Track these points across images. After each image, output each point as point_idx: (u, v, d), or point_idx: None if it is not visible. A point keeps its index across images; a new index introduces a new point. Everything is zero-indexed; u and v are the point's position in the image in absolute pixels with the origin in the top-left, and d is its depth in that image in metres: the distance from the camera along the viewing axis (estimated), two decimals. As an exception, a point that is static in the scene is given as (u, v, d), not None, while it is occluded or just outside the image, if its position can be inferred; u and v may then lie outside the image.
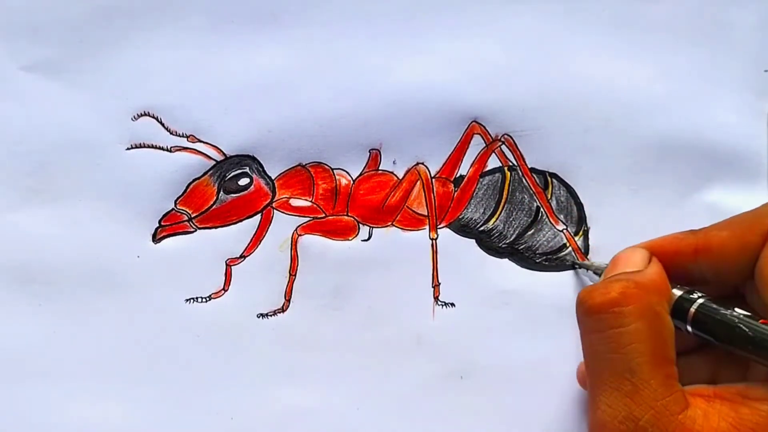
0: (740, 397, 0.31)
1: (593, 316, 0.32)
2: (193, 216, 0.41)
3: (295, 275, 0.41)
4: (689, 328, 0.34)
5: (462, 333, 0.41)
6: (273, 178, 0.41)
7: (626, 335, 0.31)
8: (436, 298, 0.41)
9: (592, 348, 0.33)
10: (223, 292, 0.41)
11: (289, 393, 0.40)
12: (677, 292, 0.34)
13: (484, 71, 0.41)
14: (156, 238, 0.41)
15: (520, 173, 0.42)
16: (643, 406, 0.31)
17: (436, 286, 0.41)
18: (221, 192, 0.41)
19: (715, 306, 0.33)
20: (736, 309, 0.33)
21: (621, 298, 0.32)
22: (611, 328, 0.32)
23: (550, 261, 0.42)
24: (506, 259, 0.41)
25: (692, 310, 0.33)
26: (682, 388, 0.32)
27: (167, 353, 0.40)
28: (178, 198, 0.41)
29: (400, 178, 0.42)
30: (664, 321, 0.32)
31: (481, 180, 0.42)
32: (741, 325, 0.32)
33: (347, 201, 0.41)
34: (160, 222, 0.41)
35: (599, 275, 0.38)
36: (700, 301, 0.34)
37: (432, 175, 0.42)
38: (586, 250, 0.41)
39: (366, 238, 0.41)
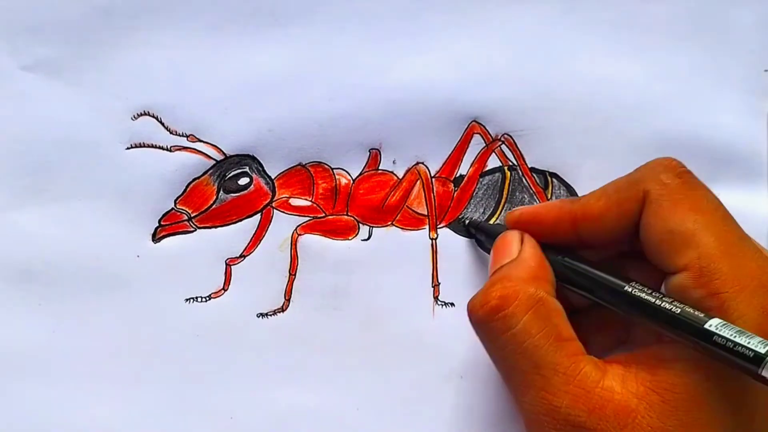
0: (654, 359, 0.32)
1: (483, 326, 0.33)
2: (192, 215, 0.41)
3: (294, 275, 0.41)
4: (575, 291, 0.35)
5: (462, 333, 0.40)
6: (273, 177, 0.41)
7: (518, 335, 0.32)
8: (436, 298, 0.41)
9: (495, 356, 0.33)
10: (223, 291, 0.41)
11: (289, 393, 0.40)
12: (559, 260, 0.35)
13: (484, 71, 0.41)
14: (156, 238, 0.41)
15: (520, 173, 0.42)
16: (558, 393, 0.31)
17: (436, 285, 0.41)
18: (221, 191, 0.41)
19: (590, 271, 0.34)
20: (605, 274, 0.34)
21: (501, 302, 0.32)
22: (502, 333, 0.32)
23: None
24: (506, 259, 0.41)
25: (570, 275, 0.35)
26: (592, 359, 0.32)
27: (167, 353, 0.40)
28: (177, 197, 0.41)
29: (400, 177, 0.42)
30: (549, 304, 0.33)
31: (481, 180, 0.42)
32: (610, 286, 0.33)
33: (347, 200, 0.41)
34: (159, 221, 0.41)
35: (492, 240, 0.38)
36: (580, 266, 0.34)
37: (432, 175, 0.42)
38: (586, 250, 0.41)
39: (366, 237, 0.41)
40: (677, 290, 0.32)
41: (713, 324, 0.30)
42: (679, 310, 0.31)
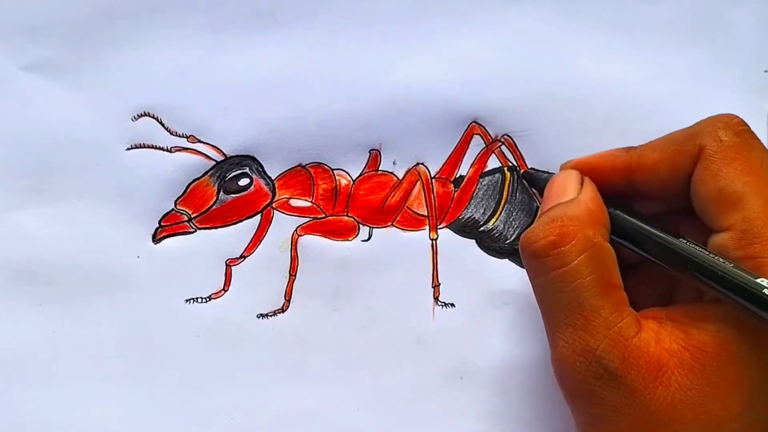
0: (689, 318, 0.32)
1: (537, 261, 0.33)
2: (193, 216, 0.41)
3: (295, 275, 0.41)
4: (625, 244, 0.34)
5: (462, 333, 0.41)
6: (273, 178, 0.41)
7: (570, 273, 0.32)
8: (436, 299, 0.41)
9: (541, 291, 0.33)
10: (223, 292, 0.41)
11: (289, 393, 0.40)
12: (611, 212, 0.35)
13: (485, 71, 0.41)
14: (156, 239, 0.41)
15: (520, 174, 0.42)
16: (597, 336, 0.31)
17: (436, 286, 0.41)
18: (221, 192, 0.41)
19: (639, 226, 0.34)
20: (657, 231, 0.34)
21: (559, 239, 0.32)
22: (554, 269, 0.32)
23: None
24: (506, 259, 0.41)
25: (625, 228, 0.34)
26: (633, 312, 0.32)
27: (167, 353, 0.40)
28: (178, 198, 0.41)
29: (400, 178, 0.42)
30: (604, 249, 0.33)
31: (481, 180, 0.42)
32: (659, 242, 0.33)
33: (347, 201, 0.42)
34: (160, 222, 0.41)
35: (542, 187, 0.38)
36: (632, 218, 0.34)
37: (432, 176, 0.42)
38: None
39: (366, 238, 0.41)
40: (718, 249, 0.32)
41: (765, 282, 0.30)
42: (730, 266, 0.31)
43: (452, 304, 0.41)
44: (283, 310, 0.41)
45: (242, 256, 0.41)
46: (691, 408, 0.31)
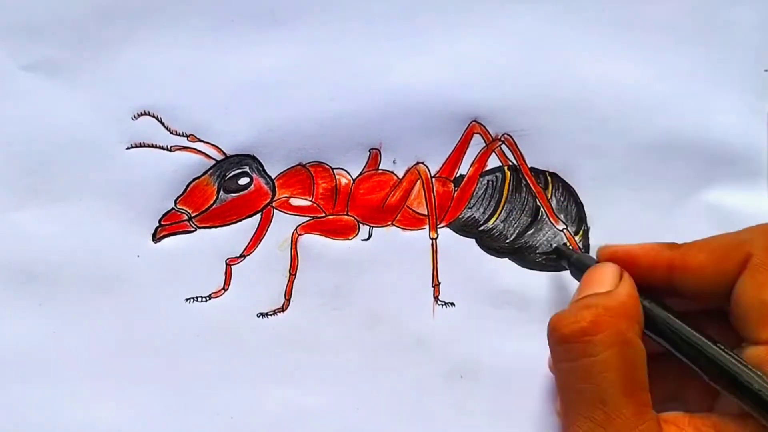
0: (714, 430, 0.31)
1: (564, 345, 0.32)
2: (193, 215, 0.41)
3: (295, 275, 0.41)
4: (658, 340, 0.34)
5: (462, 333, 0.41)
6: (273, 177, 0.41)
7: (597, 364, 0.31)
8: (436, 298, 0.41)
9: (564, 377, 0.32)
10: (223, 291, 0.41)
11: (289, 393, 0.40)
12: (647, 305, 0.34)
13: (484, 71, 0.41)
14: (156, 238, 0.41)
15: (520, 173, 0.42)
16: None
17: (436, 285, 0.41)
18: (221, 191, 0.41)
19: (677, 324, 0.33)
20: (693, 333, 0.33)
21: (591, 326, 0.31)
22: (582, 357, 0.31)
23: (550, 261, 0.41)
24: (506, 259, 0.41)
25: (658, 324, 0.33)
26: (656, 416, 0.31)
27: (167, 353, 0.40)
28: (178, 197, 0.41)
29: (400, 177, 0.42)
30: (636, 347, 0.32)
31: (481, 179, 0.42)
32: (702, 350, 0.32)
33: (347, 200, 0.42)
34: (160, 221, 0.41)
35: (582, 272, 0.37)
36: (667, 314, 0.33)
37: (432, 175, 0.42)
38: (586, 250, 0.41)
39: (366, 237, 0.41)
40: (754, 361, 0.31)
41: None
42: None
43: (452, 304, 0.41)
44: (283, 309, 0.41)
45: (242, 256, 0.41)
46: None
